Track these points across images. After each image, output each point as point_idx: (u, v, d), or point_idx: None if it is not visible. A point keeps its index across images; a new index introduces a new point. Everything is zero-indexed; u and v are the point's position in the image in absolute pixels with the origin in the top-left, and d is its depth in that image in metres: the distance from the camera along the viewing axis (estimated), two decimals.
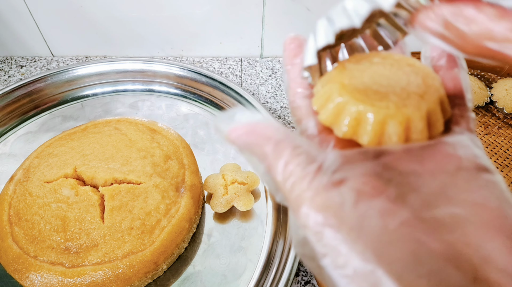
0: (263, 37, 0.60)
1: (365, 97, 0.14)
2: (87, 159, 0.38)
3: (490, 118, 0.53)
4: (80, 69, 0.52)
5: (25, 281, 0.32)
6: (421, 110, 0.14)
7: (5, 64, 0.60)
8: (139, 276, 0.33)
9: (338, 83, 0.15)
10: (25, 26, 0.57)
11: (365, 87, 0.15)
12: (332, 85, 0.15)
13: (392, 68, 0.15)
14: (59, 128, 0.48)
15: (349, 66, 0.16)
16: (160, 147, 0.40)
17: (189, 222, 0.37)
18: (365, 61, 0.16)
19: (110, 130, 0.41)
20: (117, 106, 0.51)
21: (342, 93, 0.15)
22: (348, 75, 0.15)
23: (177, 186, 0.38)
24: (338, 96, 0.15)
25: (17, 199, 0.35)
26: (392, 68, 0.15)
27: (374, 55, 0.16)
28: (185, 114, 0.51)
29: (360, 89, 0.15)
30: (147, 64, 0.53)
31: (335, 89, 0.15)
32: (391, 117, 0.14)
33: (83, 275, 0.31)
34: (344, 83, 0.15)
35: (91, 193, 0.35)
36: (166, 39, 0.60)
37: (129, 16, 0.56)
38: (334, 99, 0.15)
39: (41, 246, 0.33)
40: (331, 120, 0.15)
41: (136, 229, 0.34)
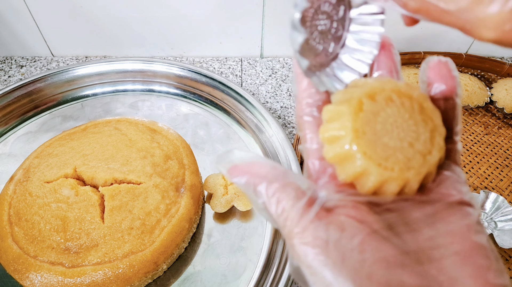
0: (263, 37, 0.60)
1: (374, 152, 0.15)
2: (87, 159, 0.38)
3: (490, 118, 0.53)
4: (80, 69, 0.52)
5: (25, 281, 0.32)
6: (421, 174, 0.15)
7: (5, 64, 0.60)
8: (139, 276, 0.33)
9: (351, 127, 0.15)
10: (25, 26, 0.57)
11: (376, 138, 0.15)
12: (344, 123, 0.16)
13: (405, 113, 0.16)
14: (59, 128, 0.48)
15: (366, 105, 0.16)
16: (160, 147, 0.40)
17: (189, 222, 0.37)
18: (382, 99, 0.16)
19: (110, 130, 0.41)
20: (117, 106, 0.51)
21: (353, 142, 0.15)
22: (362, 119, 0.16)
23: (177, 186, 0.38)
24: (348, 143, 0.15)
25: (17, 199, 0.35)
26: (405, 114, 0.16)
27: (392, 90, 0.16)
28: (185, 114, 0.51)
29: (371, 140, 0.15)
30: (147, 64, 0.53)
31: (347, 133, 0.15)
32: (393, 179, 0.15)
33: (83, 275, 0.31)
34: (358, 129, 0.15)
35: (91, 193, 0.35)
36: (166, 39, 0.60)
37: (129, 16, 0.56)
38: (344, 144, 0.15)
39: (41, 246, 0.33)
40: (335, 161, 0.16)
41: (136, 229, 0.34)
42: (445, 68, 0.17)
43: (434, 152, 0.16)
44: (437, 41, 0.62)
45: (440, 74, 0.17)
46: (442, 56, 0.18)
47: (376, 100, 0.16)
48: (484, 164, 0.48)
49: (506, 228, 0.39)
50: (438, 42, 0.62)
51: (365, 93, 0.16)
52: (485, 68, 0.60)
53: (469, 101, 0.54)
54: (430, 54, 0.61)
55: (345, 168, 0.16)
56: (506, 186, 0.45)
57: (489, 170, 0.47)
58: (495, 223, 0.40)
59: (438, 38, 0.62)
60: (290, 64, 0.63)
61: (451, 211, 0.15)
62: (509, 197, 0.44)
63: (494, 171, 0.47)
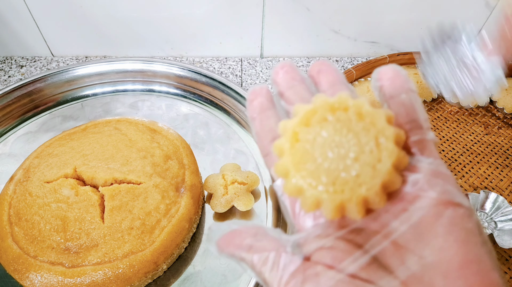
0: (263, 37, 0.60)
1: (318, 181, 0.15)
2: (87, 159, 0.38)
3: (490, 118, 0.53)
4: (80, 69, 0.52)
5: (25, 281, 0.32)
6: (376, 185, 0.14)
7: (5, 64, 0.60)
8: (139, 276, 0.33)
9: (291, 161, 0.15)
10: (25, 26, 0.57)
11: (317, 165, 0.15)
12: (286, 158, 0.16)
13: (342, 129, 0.15)
14: (59, 128, 0.48)
15: (301, 134, 0.16)
16: (160, 147, 0.40)
17: (189, 222, 0.37)
18: (316, 122, 0.16)
19: (110, 130, 0.41)
20: (117, 106, 0.51)
21: (297, 175, 0.15)
22: (300, 150, 0.15)
23: (177, 186, 0.38)
24: (293, 177, 0.15)
25: (17, 199, 0.35)
26: (343, 129, 0.15)
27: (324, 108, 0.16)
28: (185, 114, 0.51)
29: (313, 169, 0.15)
30: (147, 64, 0.53)
31: (290, 168, 0.15)
32: (348, 201, 0.15)
33: (83, 275, 0.31)
34: (297, 162, 0.15)
35: (91, 193, 0.35)
36: (166, 39, 0.60)
37: (129, 16, 0.56)
38: (291, 179, 0.15)
39: (41, 246, 0.33)
40: (293, 196, 0.16)
41: (136, 229, 0.34)
42: (391, 70, 0.17)
43: (384, 159, 0.15)
44: None
45: (387, 76, 0.17)
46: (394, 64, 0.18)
47: (310, 125, 0.16)
48: (484, 164, 0.48)
49: (506, 228, 0.39)
50: None
51: (299, 122, 0.16)
52: None
53: (469, 101, 0.54)
54: None
55: (303, 202, 0.15)
56: (506, 186, 0.45)
57: (489, 170, 0.47)
58: (495, 223, 0.40)
59: None
60: None
61: (437, 217, 0.14)
62: (509, 197, 0.44)
63: (494, 171, 0.47)
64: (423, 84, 0.55)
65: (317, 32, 0.60)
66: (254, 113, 0.20)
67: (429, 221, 0.14)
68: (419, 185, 0.15)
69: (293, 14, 0.57)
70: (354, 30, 0.60)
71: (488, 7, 0.57)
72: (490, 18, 0.59)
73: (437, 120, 0.53)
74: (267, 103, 0.20)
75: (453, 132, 0.51)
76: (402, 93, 0.17)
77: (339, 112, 0.16)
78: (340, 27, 0.59)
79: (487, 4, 0.57)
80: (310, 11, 0.56)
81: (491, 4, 0.57)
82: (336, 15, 0.57)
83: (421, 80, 0.55)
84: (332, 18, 0.58)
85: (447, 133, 0.51)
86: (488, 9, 0.58)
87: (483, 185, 0.45)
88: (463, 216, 0.14)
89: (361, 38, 0.61)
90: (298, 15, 0.57)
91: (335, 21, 0.58)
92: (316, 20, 0.58)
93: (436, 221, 0.14)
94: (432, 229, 0.14)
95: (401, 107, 0.17)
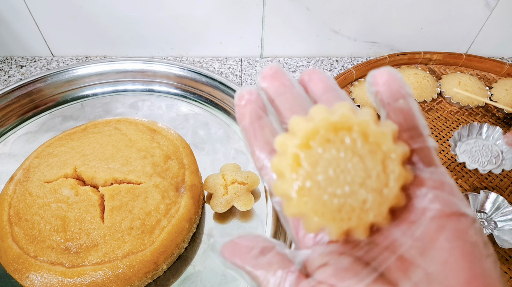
0: (263, 37, 0.60)
1: (324, 208, 0.14)
2: (87, 159, 0.38)
3: (490, 118, 0.53)
4: (80, 69, 0.52)
5: (25, 281, 0.32)
6: (383, 211, 0.14)
7: (5, 64, 0.60)
8: (139, 276, 0.33)
9: (292, 189, 0.15)
10: (25, 26, 0.57)
11: (323, 192, 0.14)
12: (288, 183, 0.15)
13: (347, 152, 0.15)
14: (59, 128, 0.48)
15: (302, 158, 0.15)
16: (160, 147, 0.40)
17: (189, 222, 0.37)
18: (317, 144, 0.15)
19: (110, 130, 0.41)
20: (117, 106, 0.51)
21: (301, 203, 0.15)
22: (303, 176, 0.15)
23: (177, 186, 0.38)
24: (297, 205, 0.15)
25: (17, 199, 0.35)
26: (348, 153, 0.15)
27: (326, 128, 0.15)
28: (185, 114, 0.51)
29: (318, 195, 0.14)
30: (147, 64, 0.53)
31: (292, 194, 0.15)
32: (355, 228, 0.14)
33: (83, 275, 0.31)
34: (301, 188, 0.15)
35: (91, 193, 0.35)
36: (166, 39, 0.60)
37: (129, 16, 0.56)
38: (295, 204, 0.15)
39: (41, 246, 0.33)
40: (297, 217, 0.15)
41: (136, 229, 0.34)
42: (386, 74, 0.17)
43: (391, 183, 0.14)
44: (437, 41, 0.62)
45: (382, 80, 0.17)
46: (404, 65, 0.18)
47: (311, 147, 0.15)
48: None
49: (506, 228, 0.39)
50: (438, 42, 0.62)
51: (299, 143, 0.15)
52: (485, 68, 0.60)
53: (469, 101, 0.54)
54: (430, 54, 0.61)
55: (306, 225, 0.15)
56: (506, 186, 0.45)
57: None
58: (495, 223, 0.40)
59: (438, 39, 0.62)
60: (290, 64, 0.63)
61: (440, 230, 0.14)
62: (509, 197, 0.44)
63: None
64: (423, 84, 0.55)
65: (317, 32, 0.60)
66: (245, 122, 0.18)
67: (433, 235, 0.14)
68: (424, 199, 0.14)
69: (293, 14, 0.57)
70: (354, 30, 0.60)
71: (488, 7, 0.57)
72: (490, 18, 0.59)
73: (437, 120, 0.53)
74: (259, 110, 0.18)
75: (453, 132, 0.51)
76: (399, 98, 0.16)
77: (342, 132, 0.15)
78: (340, 27, 0.59)
79: (487, 4, 0.57)
80: (310, 11, 0.56)
81: (491, 4, 0.57)
82: (336, 15, 0.57)
83: (421, 80, 0.55)
84: (332, 18, 0.58)
85: (447, 133, 0.51)
86: (488, 9, 0.58)
87: (483, 185, 0.45)
88: (467, 227, 0.14)
89: (361, 38, 0.61)
90: (298, 15, 0.57)
91: (335, 21, 0.58)
92: (316, 20, 0.58)
93: (440, 234, 0.14)
94: (437, 242, 0.14)
95: (400, 114, 0.16)
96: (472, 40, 0.63)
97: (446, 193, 0.14)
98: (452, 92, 0.54)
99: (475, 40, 0.63)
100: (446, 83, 0.56)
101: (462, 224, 0.14)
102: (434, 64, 0.61)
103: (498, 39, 0.63)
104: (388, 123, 0.15)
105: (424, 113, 0.54)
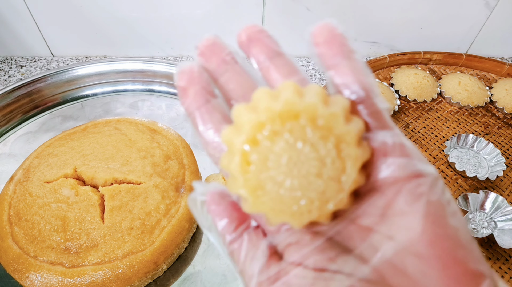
0: None
1: (281, 205, 0.14)
2: (87, 159, 0.38)
3: (490, 118, 0.53)
4: (80, 69, 0.52)
5: (25, 281, 0.32)
6: (343, 198, 0.14)
7: (5, 64, 0.60)
8: (139, 276, 0.33)
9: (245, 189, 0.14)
10: (25, 26, 0.57)
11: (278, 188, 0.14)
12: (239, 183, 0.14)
13: (297, 142, 0.13)
14: (59, 128, 0.48)
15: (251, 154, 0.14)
16: (160, 147, 0.40)
17: (189, 222, 0.37)
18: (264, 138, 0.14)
19: (110, 130, 0.41)
20: (117, 106, 0.51)
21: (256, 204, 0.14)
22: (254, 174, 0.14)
23: (177, 186, 0.38)
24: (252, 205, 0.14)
25: (17, 199, 0.35)
26: (298, 143, 0.13)
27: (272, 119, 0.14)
28: (185, 114, 0.51)
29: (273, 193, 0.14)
30: (147, 64, 0.53)
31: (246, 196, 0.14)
32: (318, 218, 0.14)
33: (83, 275, 0.31)
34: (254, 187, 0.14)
35: (91, 193, 0.35)
36: (166, 39, 0.60)
37: (129, 16, 0.56)
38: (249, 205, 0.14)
39: (41, 246, 0.33)
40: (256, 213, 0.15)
41: (136, 229, 0.34)
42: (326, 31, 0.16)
43: (348, 169, 0.13)
44: (437, 41, 0.62)
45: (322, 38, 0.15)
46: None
47: (259, 143, 0.14)
48: None
49: (506, 228, 0.39)
50: (438, 42, 0.62)
51: (246, 139, 0.14)
52: (485, 68, 0.60)
53: (469, 101, 0.54)
54: (430, 54, 0.61)
55: (267, 221, 0.14)
56: (506, 186, 0.45)
57: None
58: (495, 223, 0.40)
59: (438, 38, 0.62)
60: None
61: (397, 194, 0.13)
62: (509, 197, 0.44)
63: None
64: (423, 84, 0.55)
65: None
66: (191, 106, 0.16)
67: (392, 200, 0.13)
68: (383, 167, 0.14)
69: (293, 14, 0.57)
70: (354, 30, 0.60)
71: (488, 7, 0.57)
72: (490, 18, 0.59)
73: (437, 120, 0.53)
74: (205, 93, 0.16)
75: (453, 132, 0.51)
76: (344, 59, 0.15)
77: (289, 122, 0.13)
78: None
79: (487, 4, 0.57)
80: (310, 11, 0.56)
81: (491, 4, 0.57)
82: (336, 15, 0.57)
83: (421, 80, 0.55)
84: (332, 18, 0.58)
85: (447, 133, 0.51)
86: (488, 9, 0.58)
87: (483, 185, 0.45)
88: (427, 186, 0.13)
89: (361, 38, 0.61)
90: (298, 15, 0.57)
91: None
92: (316, 20, 0.58)
93: (398, 198, 0.13)
94: (396, 207, 0.13)
95: (347, 76, 0.14)
96: (472, 40, 0.63)
97: (402, 156, 0.14)
98: (452, 92, 0.54)
99: (475, 40, 0.63)
100: (446, 83, 0.56)
101: (420, 185, 0.13)
102: (434, 64, 0.61)
103: (498, 39, 0.63)
104: (338, 100, 0.14)
105: (424, 113, 0.54)
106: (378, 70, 0.59)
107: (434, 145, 0.50)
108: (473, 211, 0.41)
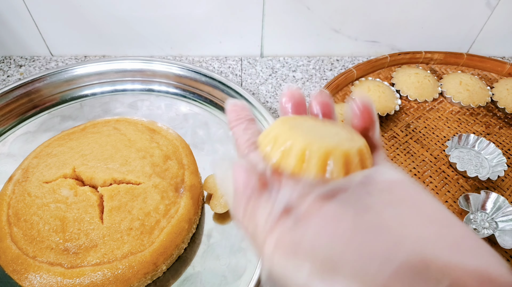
0: (263, 37, 0.60)
1: (307, 135, 0.18)
2: (86, 159, 0.37)
3: (491, 118, 0.53)
4: (79, 68, 0.52)
5: (24, 282, 0.32)
6: (354, 147, 0.17)
7: (4, 63, 0.59)
8: (138, 277, 0.33)
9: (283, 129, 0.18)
10: (24, 25, 0.56)
11: (306, 131, 0.18)
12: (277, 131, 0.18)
13: (322, 122, 0.20)
14: (58, 128, 0.48)
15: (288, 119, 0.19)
16: (159, 147, 0.40)
17: (189, 222, 0.36)
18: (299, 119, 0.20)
19: (109, 130, 0.41)
20: (116, 106, 0.51)
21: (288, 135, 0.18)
22: (289, 124, 0.19)
23: (176, 187, 0.37)
24: (286, 139, 0.18)
25: (16, 199, 0.35)
26: (322, 123, 0.20)
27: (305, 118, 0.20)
28: (184, 113, 0.51)
29: (302, 132, 0.18)
30: (146, 64, 0.53)
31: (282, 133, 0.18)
32: (334, 150, 0.17)
33: (82, 276, 0.31)
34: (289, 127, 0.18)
35: (90, 193, 0.35)
36: (166, 38, 0.59)
37: (129, 15, 0.56)
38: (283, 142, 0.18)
39: (40, 246, 0.32)
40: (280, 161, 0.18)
41: (136, 229, 0.34)
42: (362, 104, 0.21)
43: (356, 138, 0.19)
44: (438, 41, 0.62)
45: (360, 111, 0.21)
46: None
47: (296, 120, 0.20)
48: None
49: (507, 228, 0.39)
50: (439, 41, 0.62)
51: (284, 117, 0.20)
52: (486, 68, 0.59)
53: (470, 101, 0.53)
54: (431, 54, 0.61)
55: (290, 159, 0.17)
56: (508, 186, 0.45)
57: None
58: (496, 223, 0.40)
59: (439, 38, 0.62)
60: (290, 63, 0.62)
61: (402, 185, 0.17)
62: (510, 197, 0.44)
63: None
64: (424, 84, 0.54)
65: (318, 31, 0.60)
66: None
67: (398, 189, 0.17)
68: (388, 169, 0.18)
69: (294, 13, 0.57)
70: (354, 30, 0.60)
71: (489, 6, 0.57)
72: (492, 17, 0.59)
73: (438, 120, 0.53)
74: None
75: (454, 132, 0.51)
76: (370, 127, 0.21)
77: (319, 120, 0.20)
78: (341, 27, 0.59)
79: (488, 3, 0.57)
80: (310, 10, 0.56)
81: (492, 4, 0.57)
82: (336, 14, 0.57)
83: (422, 80, 0.55)
84: (333, 17, 0.58)
85: (448, 133, 0.51)
86: (489, 9, 0.58)
87: (484, 186, 0.45)
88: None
89: (362, 38, 0.61)
90: (298, 14, 0.57)
91: (335, 20, 0.58)
92: (316, 19, 0.58)
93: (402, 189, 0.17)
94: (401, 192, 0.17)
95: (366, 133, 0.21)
96: (473, 39, 0.63)
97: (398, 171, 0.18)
98: (453, 92, 0.54)
99: (476, 40, 0.63)
100: (447, 83, 0.56)
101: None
102: (435, 63, 0.60)
103: (499, 39, 0.62)
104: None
105: (425, 113, 0.54)
106: (379, 69, 0.59)
107: (435, 145, 0.49)
108: (474, 211, 0.41)
